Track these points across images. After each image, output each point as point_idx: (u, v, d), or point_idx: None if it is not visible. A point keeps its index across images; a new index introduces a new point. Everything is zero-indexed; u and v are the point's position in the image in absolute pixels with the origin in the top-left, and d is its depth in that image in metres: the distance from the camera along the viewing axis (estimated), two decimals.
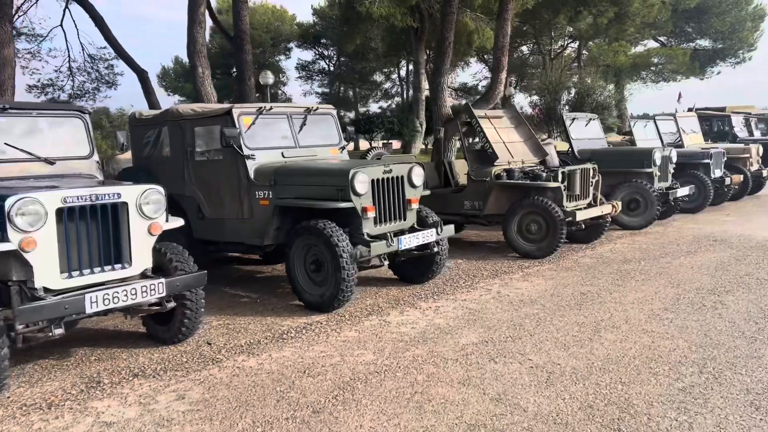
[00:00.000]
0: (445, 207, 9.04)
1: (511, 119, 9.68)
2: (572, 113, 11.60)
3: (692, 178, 12.03)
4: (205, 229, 6.83)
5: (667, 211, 11.24)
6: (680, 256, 8.01)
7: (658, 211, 10.15)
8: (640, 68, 29.96)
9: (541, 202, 8.01)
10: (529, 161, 9.20)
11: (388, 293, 6.53)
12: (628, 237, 9.60)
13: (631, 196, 10.32)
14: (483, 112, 9.44)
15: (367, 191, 5.87)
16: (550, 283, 6.75)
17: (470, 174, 8.75)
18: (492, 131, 9.05)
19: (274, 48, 55.52)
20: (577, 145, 10.98)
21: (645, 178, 10.39)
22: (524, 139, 9.56)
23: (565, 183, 8.26)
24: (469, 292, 6.50)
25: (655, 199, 10.09)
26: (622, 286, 6.51)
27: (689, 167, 12.32)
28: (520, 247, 8.24)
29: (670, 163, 10.92)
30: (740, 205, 13.23)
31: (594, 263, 7.73)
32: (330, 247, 5.60)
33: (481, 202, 8.61)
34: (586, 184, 8.62)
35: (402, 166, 6.32)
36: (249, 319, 5.71)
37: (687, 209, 12.06)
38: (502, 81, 16.39)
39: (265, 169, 6.29)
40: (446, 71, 17.20)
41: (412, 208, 6.39)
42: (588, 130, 11.52)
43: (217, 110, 6.54)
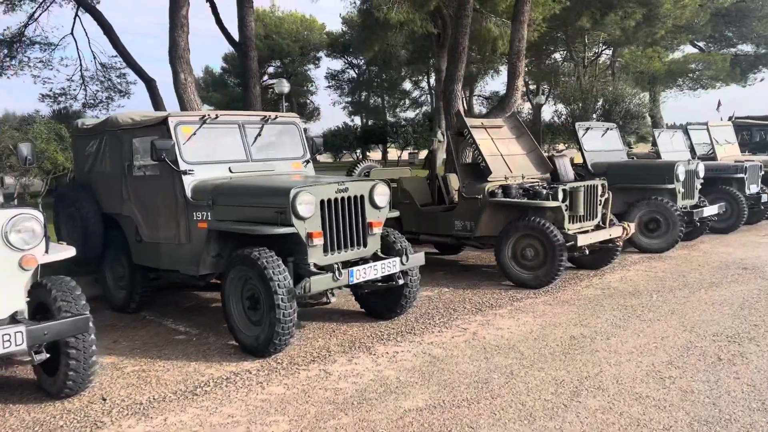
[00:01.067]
0: (435, 227, 8.11)
1: (512, 129, 8.68)
2: (586, 122, 10.52)
3: (723, 195, 10.82)
4: (143, 254, 6.03)
5: (694, 231, 10.06)
6: (701, 288, 6.89)
7: (681, 232, 9.00)
8: (676, 75, 28.41)
9: (538, 223, 7.00)
10: (531, 176, 8.19)
11: (347, 332, 5.61)
12: (644, 262, 8.48)
13: (651, 215, 9.20)
14: (480, 122, 8.47)
15: (314, 214, 4.98)
16: (538, 322, 5.75)
17: (461, 191, 7.79)
18: (488, 143, 8.07)
19: (303, 57, 55.26)
20: (590, 158, 9.91)
21: (666, 195, 9.26)
22: (526, 151, 8.55)
23: (567, 202, 7.23)
24: (441, 332, 5.53)
25: (678, 219, 8.95)
26: (624, 329, 5.46)
27: (721, 182, 11.11)
28: (514, 274, 7.23)
29: (697, 178, 9.76)
30: None
31: (597, 296, 6.68)
32: (264, 281, 4.72)
33: (472, 223, 7.64)
34: (593, 203, 7.57)
35: (362, 184, 5.42)
36: (169, 365, 4.86)
37: (717, 229, 10.85)
38: (518, 88, 15.37)
39: (204, 187, 5.46)
40: (460, 78, 16.24)
41: (374, 232, 5.47)
42: (604, 141, 10.43)
43: (153, 119, 5.74)
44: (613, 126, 10.81)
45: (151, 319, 6.26)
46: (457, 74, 16.13)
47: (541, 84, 41.36)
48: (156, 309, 6.57)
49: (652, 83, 28.07)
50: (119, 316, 6.37)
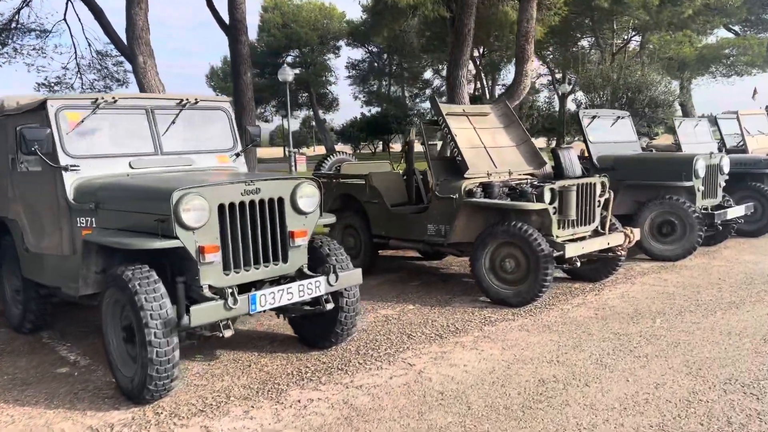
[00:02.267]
0: (406, 231, 6.98)
1: (500, 118, 7.49)
2: (592, 110, 9.24)
3: (753, 193, 9.48)
4: (29, 267, 5.04)
5: (716, 235, 8.76)
6: (717, 310, 5.66)
7: (700, 237, 7.73)
8: (708, 61, 26.61)
9: (519, 229, 5.83)
10: (521, 172, 7.01)
11: (264, 367, 4.55)
12: (653, 274, 7.24)
13: (664, 217, 7.94)
14: (461, 108, 7.30)
15: (207, 222, 3.92)
16: (506, 356, 4.61)
17: (434, 189, 6.64)
18: (468, 133, 6.91)
19: (323, 46, 54.18)
20: (596, 151, 8.66)
21: (683, 194, 7.99)
22: (516, 143, 7.35)
23: (556, 204, 6.04)
24: (380, 369, 4.43)
25: (697, 222, 7.68)
26: (610, 369, 4.29)
27: (750, 178, 9.76)
28: (492, 290, 6.08)
29: (720, 173, 8.45)
30: None
31: (588, 319, 5.50)
32: (135, 310, 3.68)
33: (447, 226, 6.50)
34: (589, 205, 6.36)
35: (279, 184, 4.33)
36: (17, 414, 3.86)
37: (745, 232, 9.51)
38: (528, 73, 14.12)
39: (89, 187, 4.44)
40: (465, 63, 15.04)
41: (297, 244, 4.38)
42: (615, 131, 9.16)
43: (33, 103, 4.72)
44: (625, 114, 9.52)
45: (47, 342, 5.28)
46: (462, 59, 14.93)
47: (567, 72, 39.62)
48: (61, 329, 5.60)
49: (681, 70, 26.34)
50: (14, 337, 5.41)
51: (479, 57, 48.68)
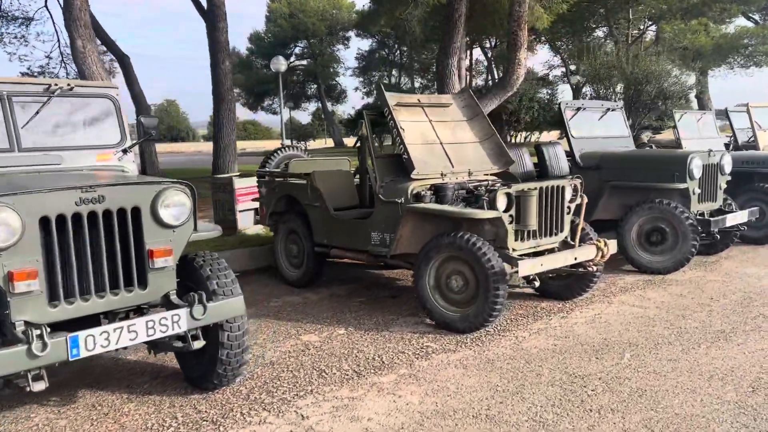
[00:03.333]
0: (349, 239, 6.08)
1: (463, 109, 6.53)
2: (577, 101, 8.23)
3: (760, 195, 8.43)
4: None
5: (718, 243, 7.74)
6: (702, 341, 4.69)
7: (693, 247, 6.73)
8: (725, 51, 25.24)
9: (466, 242, 4.90)
10: (483, 172, 6.07)
11: (123, 416, 3.68)
12: (637, 290, 6.27)
13: (654, 224, 6.95)
14: (416, 98, 6.35)
15: (19, 241, 3.04)
16: (424, 407, 3.69)
17: (378, 192, 5.72)
18: (420, 127, 5.97)
19: (332, 37, 53.19)
20: (579, 147, 7.67)
21: (676, 197, 7.00)
22: (480, 138, 6.40)
23: (513, 211, 5.09)
24: (261, 424, 3.54)
25: (691, 230, 6.69)
26: (550, 430, 3.36)
27: (758, 178, 8.71)
28: (436, 312, 5.16)
29: (721, 174, 7.42)
30: None
31: (543, 352, 4.56)
32: None
33: (391, 235, 5.58)
34: (556, 212, 5.40)
35: (135, 191, 3.44)
36: None
37: (751, 239, 8.49)
38: (521, 62, 13.10)
39: None
40: (456, 51, 14.06)
41: (158, 265, 3.49)
42: (602, 126, 8.16)
43: None
44: (616, 105, 8.49)
45: None
46: (452, 46, 13.95)
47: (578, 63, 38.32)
48: None
49: (697, 60, 25.02)
50: None
51: (490, 48, 47.56)
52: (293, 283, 6.70)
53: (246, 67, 53.17)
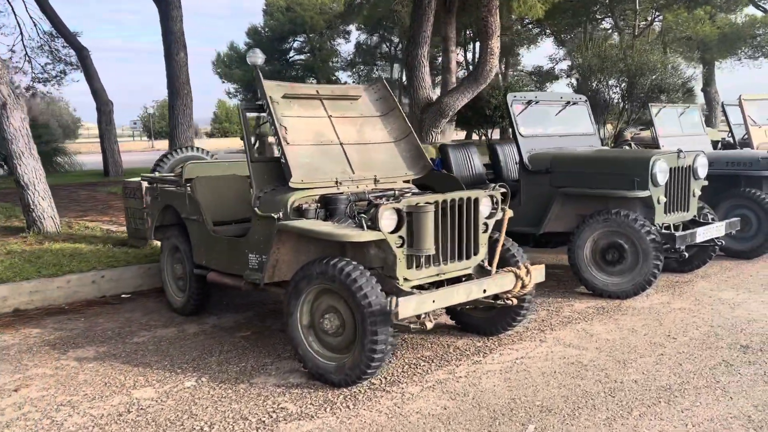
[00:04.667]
0: (227, 262, 5.02)
1: (377, 103, 5.44)
2: (529, 92, 7.09)
3: (746, 202, 7.29)
4: None
5: (695, 257, 6.63)
6: (637, 405, 3.59)
7: (656, 267, 5.62)
8: (731, 41, 23.80)
9: (340, 271, 3.83)
10: (395, 178, 5.00)
11: None
12: (582, 322, 5.17)
13: (610, 239, 5.84)
14: (314, 89, 5.25)
15: None
16: None
17: (254, 204, 4.66)
18: (314, 124, 4.90)
19: (331, 31, 52.04)
20: (528, 147, 6.55)
21: (637, 206, 5.88)
22: (395, 138, 5.31)
23: (404, 231, 4.01)
24: None
25: (652, 248, 5.58)
26: None
27: (745, 182, 7.57)
28: (309, 358, 4.09)
29: (694, 178, 6.28)
30: None
31: (425, 418, 3.49)
32: None
33: (266, 257, 4.52)
34: (467, 231, 4.32)
35: None
36: None
37: (736, 252, 7.36)
38: (494, 51, 11.98)
39: None
40: (426, 40, 12.92)
41: None
42: (560, 122, 7.05)
43: None
44: (579, 98, 7.36)
45: None
46: (422, 35, 12.86)
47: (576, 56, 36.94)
48: None
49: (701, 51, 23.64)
50: None
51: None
52: (177, 310, 5.67)
53: (244, 62, 52.19)
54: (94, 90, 16.42)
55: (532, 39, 44.16)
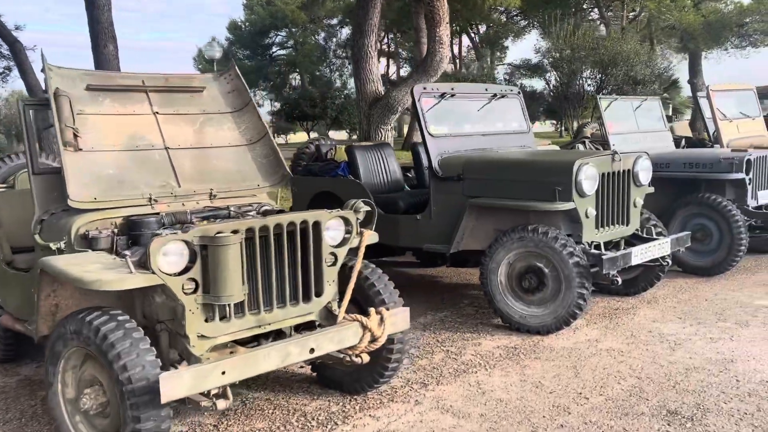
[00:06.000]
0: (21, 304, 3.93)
1: (227, 96, 4.34)
2: (444, 84, 5.97)
3: (705, 210, 6.23)
4: None
5: (640, 278, 5.58)
6: None
7: (581, 298, 4.56)
8: (717, 30, 22.65)
9: (96, 331, 2.75)
10: (243, 192, 3.92)
11: None
12: (483, 369, 4.11)
13: (528, 261, 4.77)
14: (140, 78, 4.13)
15: None
16: None
17: (34, 231, 3.56)
18: (130, 122, 3.82)
19: (315, 26, 50.75)
20: (439, 150, 5.46)
21: (561, 222, 4.81)
22: (248, 140, 4.22)
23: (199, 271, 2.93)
24: None
25: (576, 273, 4.51)
26: None
27: (707, 187, 6.51)
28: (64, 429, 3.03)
29: (636, 185, 5.20)
30: None
31: None
32: None
33: None
34: (304, 266, 3.23)
35: None
36: None
37: (696, 269, 6.30)
38: (443, 40, 10.86)
39: None
40: (373, 29, 11.83)
41: None
42: (486, 119, 5.96)
43: None
44: (510, 90, 6.28)
45: None
46: (368, 23, 11.73)
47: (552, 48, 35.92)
48: None
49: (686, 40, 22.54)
50: None
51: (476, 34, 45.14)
52: None
53: (225, 57, 50.89)
54: (29, 85, 15.25)
55: (518, 31, 43.07)
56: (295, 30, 49.69)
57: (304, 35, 50.55)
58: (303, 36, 50.40)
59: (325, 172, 6.35)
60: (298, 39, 50.30)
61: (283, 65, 51.83)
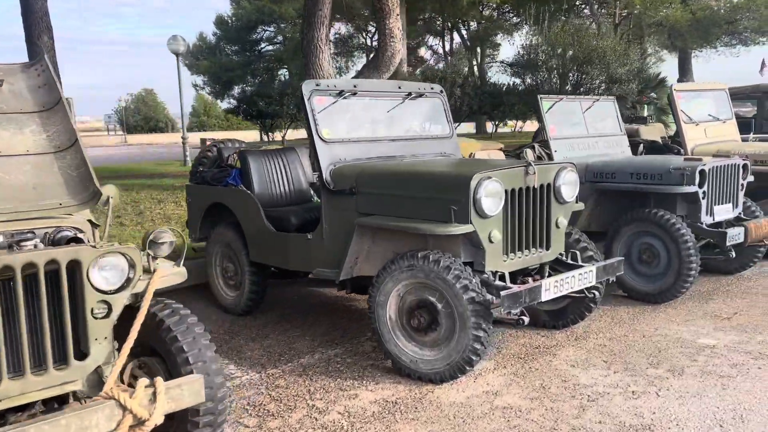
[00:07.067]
0: None
1: (33, 94, 3.51)
2: (341, 80, 5.12)
3: (652, 228, 5.42)
4: None
5: (565, 312, 4.77)
6: None
7: (478, 341, 3.75)
8: (706, 28, 21.79)
9: None
10: (30, 213, 3.10)
11: None
12: None
13: (418, 295, 3.96)
14: None
15: None
16: None
17: None
18: None
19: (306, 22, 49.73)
20: (332, 158, 4.63)
21: (459, 247, 4.00)
22: (55, 147, 3.40)
23: None
24: None
25: (471, 311, 3.70)
26: None
27: (655, 200, 5.72)
28: None
29: (558, 202, 4.37)
30: None
31: None
32: None
33: None
34: (31, 324, 2.42)
35: None
36: None
37: (643, 294, 5.50)
38: (395, 34, 10.07)
39: None
40: (323, 21, 10.98)
41: None
42: (393, 120, 5.14)
43: None
44: (430, 88, 5.45)
45: None
46: (318, 14, 10.90)
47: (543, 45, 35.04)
48: None
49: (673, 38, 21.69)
50: None
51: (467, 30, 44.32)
52: None
53: (211, 52, 50.08)
54: None
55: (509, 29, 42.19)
56: (284, 25, 48.78)
57: (293, 30, 49.65)
58: (292, 31, 49.50)
59: (217, 180, 5.53)
60: (286, 34, 49.38)
61: (272, 61, 50.92)
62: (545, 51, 14.69)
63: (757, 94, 12.09)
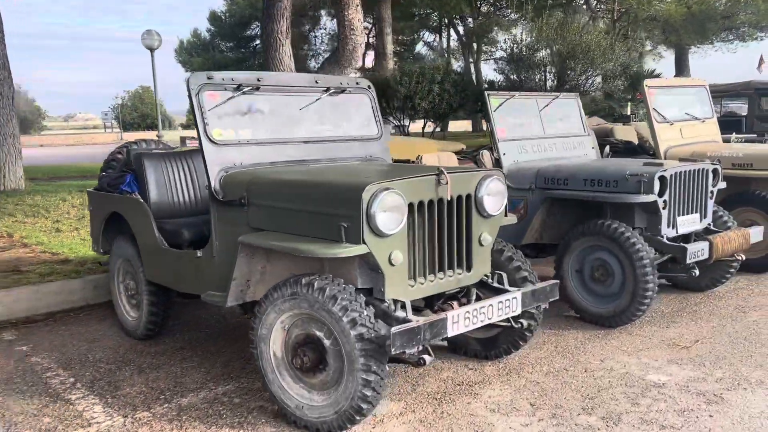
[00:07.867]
0: None
1: None
2: (239, 73, 4.45)
3: (605, 242, 4.78)
4: None
5: (497, 341, 4.14)
6: None
7: (367, 385, 3.10)
8: (702, 23, 21.04)
9: None
10: None
11: None
12: None
13: (306, 328, 3.33)
14: None
15: None
16: None
17: None
18: None
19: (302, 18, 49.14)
20: (223, 162, 3.98)
21: (355, 272, 3.36)
22: None
23: None
24: None
25: (359, 349, 3.06)
26: None
27: (611, 210, 5.09)
28: None
29: (481, 216, 3.72)
30: (742, 311, 5.65)
31: None
32: None
33: None
34: None
35: None
36: None
37: (597, 316, 4.87)
38: (355, 26, 9.48)
39: None
40: (284, 13, 10.36)
41: None
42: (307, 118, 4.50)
43: None
44: (355, 83, 4.80)
45: None
46: (277, 6, 10.28)
47: None
48: None
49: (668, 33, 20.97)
50: None
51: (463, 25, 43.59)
52: None
53: (205, 49, 49.53)
54: None
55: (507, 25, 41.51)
56: None
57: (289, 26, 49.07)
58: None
59: (112, 186, 4.91)
60: None
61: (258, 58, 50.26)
62: (529, 46, 14.00)
63: (749, 92, 11.45)
